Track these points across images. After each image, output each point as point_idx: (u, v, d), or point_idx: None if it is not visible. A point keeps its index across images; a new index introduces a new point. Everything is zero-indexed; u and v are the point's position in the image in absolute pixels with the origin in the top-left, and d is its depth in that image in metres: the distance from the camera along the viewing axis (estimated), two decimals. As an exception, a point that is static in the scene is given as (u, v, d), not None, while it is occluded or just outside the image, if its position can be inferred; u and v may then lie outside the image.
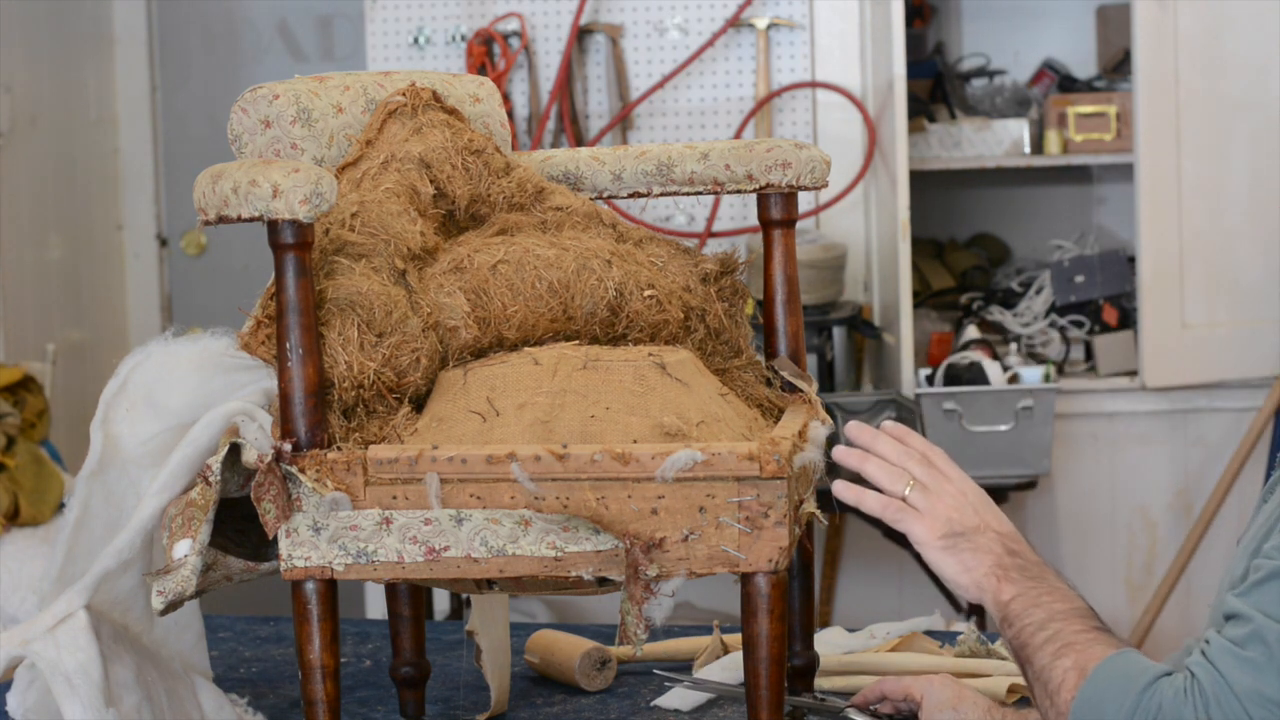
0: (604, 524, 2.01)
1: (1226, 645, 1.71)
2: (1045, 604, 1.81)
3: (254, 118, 2.14)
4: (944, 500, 1.88)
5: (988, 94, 5.38)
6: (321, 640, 2.07)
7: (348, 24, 5.50)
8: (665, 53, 4.85)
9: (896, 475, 1.90)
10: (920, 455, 1.92)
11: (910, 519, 1.88)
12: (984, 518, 1.87)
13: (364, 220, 2.15)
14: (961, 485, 1.89)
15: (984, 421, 4.41)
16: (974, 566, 1.85)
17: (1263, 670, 1.67)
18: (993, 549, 1.85)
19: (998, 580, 1.84)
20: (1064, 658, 1.77)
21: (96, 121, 5.39)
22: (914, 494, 1.89)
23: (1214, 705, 1.68)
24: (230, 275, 5.51)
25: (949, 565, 1.86)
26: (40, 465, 4.15)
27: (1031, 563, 1.85)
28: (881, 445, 1.93)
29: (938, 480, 1.89)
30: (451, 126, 2.31)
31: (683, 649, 2.73)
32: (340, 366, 2.06)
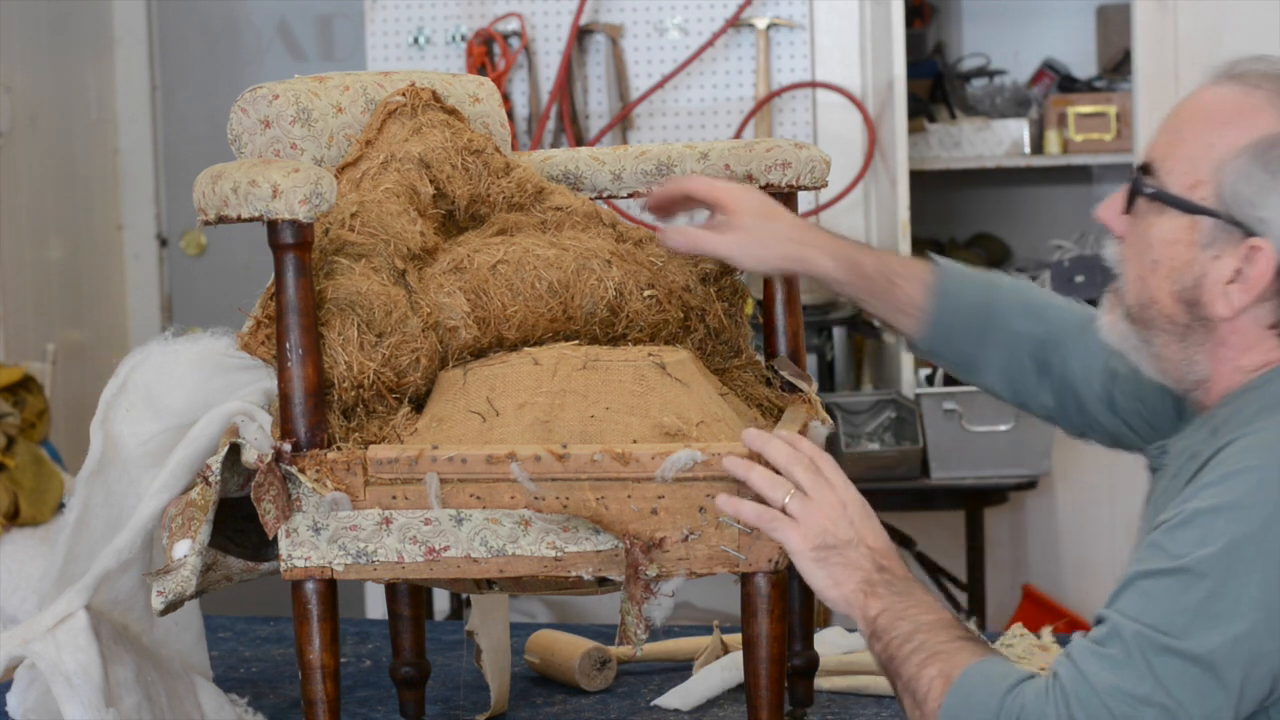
0: (604, 524, 2.01)
1: (1086, 645, 1.74)
2: (911, 616, 1.84)
3: (254, 118, 2.14)
4: (822, 510, 1.90)
5: (988, 94, 5.38)
6: (321, 640, 2.07)
7: (348, 24, 5.49)
8: (665, 53, 4.85)
9: (777, 484, 1.92)
10: (808, 461, 1.93)
11: (785, 529, 1.90)
12: (859, 531, 1.89)
13: (364, 220, 2.14)
14: (844, 495, 1.91)
15: (984, 421, 4.41)
16: (843, 581, 1.88)
17: (1121, 666, 1.70)
18: (862, 565, 1.88)
19: (865, 596, 1.86)
20: (930, 666, 1.80)
21: (96, 121, 5.39)
22: (793, 503, 1.91)
23: (1075, 702, 1.70)
24: (230, 275, 5.51)
25: (819, 578, 1.89)
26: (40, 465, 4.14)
27: (900, 578, 1.88)
28: (771, 449, 1.95)
29: (820, 488, 1.91)
30: (451, 126, 2.30)
31: (683, 649, 2.73)
32: (340, 366, 2.06)
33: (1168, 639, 1.69)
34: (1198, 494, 1.74)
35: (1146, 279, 1.86)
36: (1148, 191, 1.85)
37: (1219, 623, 1.69)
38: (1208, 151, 1.82)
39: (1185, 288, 1.83)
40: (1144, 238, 1.86)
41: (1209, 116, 1.83)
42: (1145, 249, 1.85)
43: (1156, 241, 1.84)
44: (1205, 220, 1.81)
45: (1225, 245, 1.81)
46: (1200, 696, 1.68)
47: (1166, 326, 1.86)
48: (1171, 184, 1.83)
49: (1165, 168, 1.84)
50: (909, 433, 4.47)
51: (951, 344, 2.21)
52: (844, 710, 2.50)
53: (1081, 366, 2.17)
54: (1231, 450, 1.76)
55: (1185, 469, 1.84)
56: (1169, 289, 1.84)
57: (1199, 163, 1.82)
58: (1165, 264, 1.84)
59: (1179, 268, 1.83)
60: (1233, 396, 1.85)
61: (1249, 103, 1.82)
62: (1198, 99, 1.86)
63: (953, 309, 2.20)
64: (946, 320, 2.20)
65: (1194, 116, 1.85)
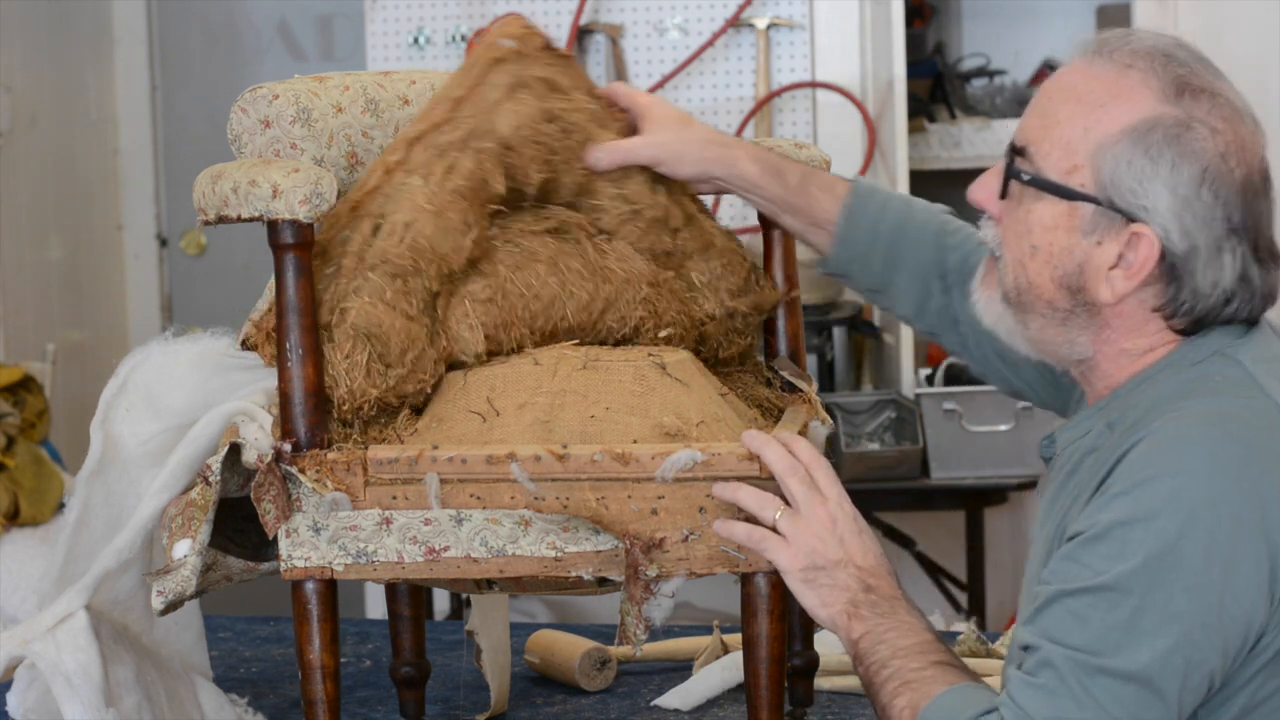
0: (604, 524, 2.01)
1: (1022, 678, 1.72)
2: (890, 640, 1.84)
3: (254, 118, 2.14)
4: (811, 528, 1.90)
5: (988, 94, 5.38)
6: (321, 640, 2.07)
7: (348, 24, 5.49)
8: (665, 53, 4.85)
9: (766, 503, 1.93)
10: (804, 471, 1.93)
11: (775, 548, 1.91)
12: (848, 550, 1.89)
13: (417, 233, 2.09)
14: (835, 509, 1.91)
15: (984, 421, 4.41)
16: (830, 602, 1.88)
17: (1056, 694, 1.69)
18: (849, 585, 1.87)
19: (849, 618, 1.86)
20: (900, 696, 1.80)
21: (96, 121, 5.39)
22: (783, 521, 1.91)
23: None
24: (230, 275, 5.51)
25: (808, 598, 1.89)
26: (40, 465, 4.14)
27: (885, 598, 1.87)
28: (769, 453, 1.95)
29: (811, 502, 1.91)
30: (552, 89, 2.21)
31: (683, 649, 2.73)
32: (341, 389, 2.06)
33: (1099, 659, 1.68)
34: (1109, 505, 1.72)
35: (1026, 264, 1.82)
36: (1025, 177, 1.81)
37: (1149, 637, 1.68)
38: (1084, 135, 1.78)
39: (1067, 273, 1.80)
40: (1022, 222, 1.82)
41: (1082, 97, 1.79)
42: (1024, 234, 1.82)
43: (1035, 227, 1.81)
44: (1085, 206, 1.78)
45: (1107, 231, 1.78)
46: (1140, 712, 1.67)
47: (1046, 311, 1.83)
48: (1048, 169, 1.80)
49: (1041, 151, 1.80)
50: (909, 433, 4.47)
51: (861, 264, 2.20)
52: (844, 710, 2.50)
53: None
54: (1135, 456, 1.73)
55: (1085, 464, 1.82)
56: (1050, 274, 1.81)
57: (1075, 147, 1.78)
58: (1045, 250, 1.81)
59: (1059, 254, 1.80)
60: (1125, 389, 1.83)
61: (1123, 83, 1.78)
62: (1069, 77, 1.82)
63: (864, 227, 2.19)
64: (856, 237, 2.19)
65: (1067, 97, 1.80)
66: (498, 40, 2.22)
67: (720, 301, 2.24)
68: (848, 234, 2.20)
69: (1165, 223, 1.76)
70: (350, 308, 2.06)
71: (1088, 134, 1.78)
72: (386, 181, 2.13)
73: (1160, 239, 1.77)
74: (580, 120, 2.21)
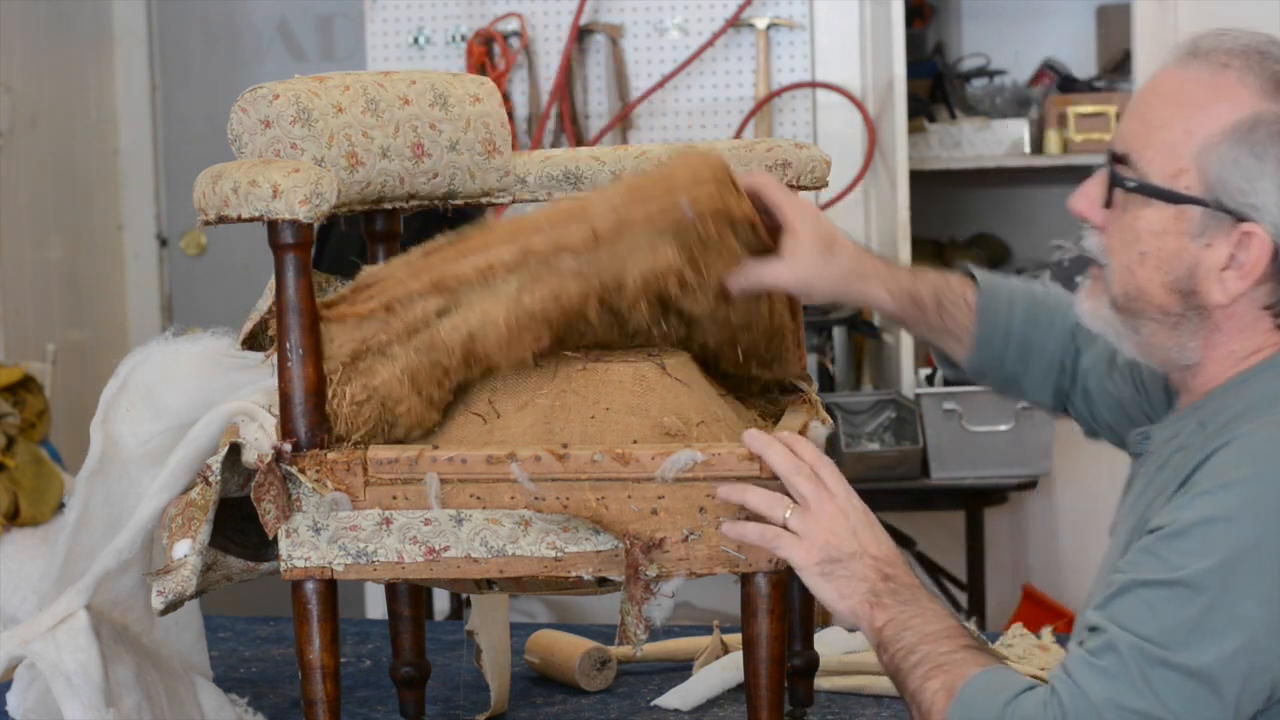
0: (604, 524, 2.01)
1: (1083, 656, 1.73)
2: (916, 627, 1.84)
3: (254, 118, 2.14)
4: (824, 523, 1.89)
5: (988, 94, 5.38)
6: (321, 640, 2.07)
7: (348, 24, 5.49)
8: (665, 53, 4.85)
9: (775, 502, 1.92)
10: (809, 470, 1.93)
11: (788, 545, 1.90)
12: (862, 541, 1.89)
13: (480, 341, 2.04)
14: (845, 504, 1.91)
15: (984, 421, 4.41)
16: (849, 594, 1.87)
17: (1117, 679, 1.69)
18: (867, 576, 1.87)
19: (870, 607, 1.86)
20: (933, 679, 1.80)
21: (96, 121, 5.39)
22: (793, 518, 1.91)
23: (1071, 716, 1.70)
24: (230, 275, 5.51)
25: (825, 591, 1.89)
26: (40, 465, 4.14)
27: (905, 586, 1.87)
28: (772, 454, 1.94)
29: (820, 499, 1.91)
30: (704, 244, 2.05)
31: (683, 649, 2.73)
32: (340, 427, 2.06)
33: (1164, 652, 1.69)
34: (1192, 503, 1.73)
35: (1135, 271, 1.83)
36: (1129, 184, 1.82)
37: (1215, 637, 1.68)
38: (1187, 138, 1.78)
39: (1178, 278, 1.81)
40: (1129, 230, 1.83)
41: (1181, 100, 1.79)
42: (1132, 241, 1.83)
43: (1144, 233, 1.81)
44: (1193, 209, 1.78)
45: (1216, 233, 1.78)
46: (1196, 710, 1.68)
47: (1157, 316, 1.84)
48: (1152, 174, 1.80)
49: (1144, 157, 1.81)
50: (909, 433, 4.47)
51: (997, 362, 2.20)
52: (844, 710, 2.50)
53: (1092, 362, 2.17)
54: (1223, 456, 1.74)
55: (1173, 461, 1.83)
56: (1160, 280, 1.82)
57: (1179, 150, 1.78)
58: (1154, 255, 1.81)
59: (1169, 258, 1.81)
60: (1221, 390, 1.84)
61: (1222, 82, 1.79)
62: (1165, 81, 1.82)
63: (997, 329, 2.18)
64: (991, 341, 2.19)
65: (1165, 101, 1.80)
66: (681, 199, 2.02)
67: (746, 370, 2.23)
68: (983, 337, 2.19)
69: (1275, 219, 1.77)
70: (380, 371, 2.06)
71: (1190, 136, 1.78)
72: (480, 279, 2.04)
73: (1272, 236, 1.77)
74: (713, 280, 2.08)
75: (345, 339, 2.06)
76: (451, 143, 2.32)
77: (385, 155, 2.23)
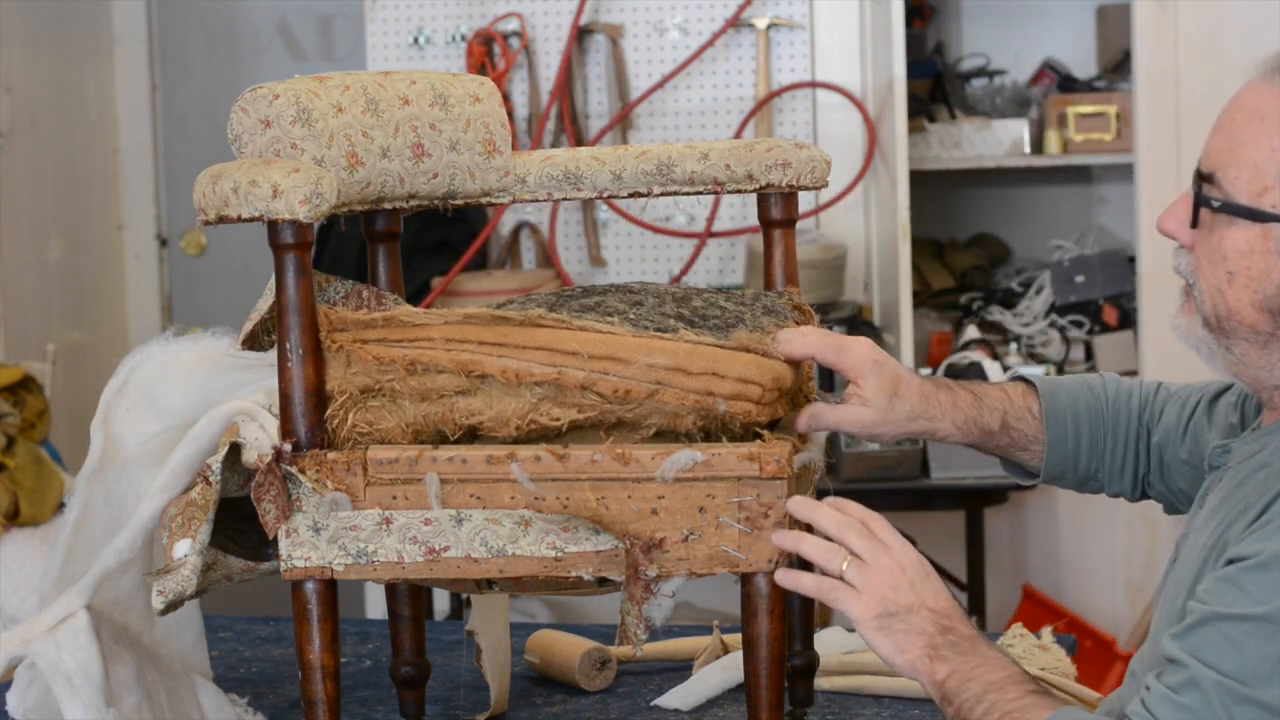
0: (604, 524, 2.01)
1: (1164, 692, 1.71)
2: (979, 677, 1.82)
3: (254, 118, 2.14)
4: (880, 576, 1.88)
5: (988, 94, 5.38)
6: (321, 640, 2.07)
7: (348, 24, 5.50)
8: (665, 53, 4.85)
9: (832, 553, 1.90)
10: (859, 525, 1.91)
11: (847, 598, 1.89)
12: (920, 594, 1.88)
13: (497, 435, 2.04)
14: (900, 557, 1.89)
15: (984, 421, 4.41)
16: (908, 648, 1.86)
17: (1199, 716, 1.68)
18: (925, 629, 1.86)
19: (930, 660, 1.85)
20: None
21: (96, 121, 5.39)
22: (850, 571, 1.89)
23: None
24: (230, 275, 5.51)
25: (884, 646, 1.87)
26: (40, 465, 4.15)
27: (964, 637, 1.86)
28: (821, 517, 1.93)
29: (876, 552, 1.89)
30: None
31: (683, 649, 2.73)
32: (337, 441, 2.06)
33: (1248, 689, 1.67)
34: (1276, 533, 1.71)
35: (1224, 290, 1.81)
36: (1215, 204, 1.80)
37: None
38: (1271, 156, 1.77)
39: (1267, 296, 1.79)
40: (1216, 249, 1.81)
41: (1265, 117, 1.78)
42: (1219, 260, 1.81)
43: (1231, 253, 1.80)
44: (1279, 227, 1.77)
45: None
46: None
47: (1249, 336, 1.82)
48: (1238, 193, 1.78)
49: (1229, 176, 1.79)
50: (909, 433, 4.46)
51: (1072, 466, 2.19)
52: (844, 710, 2.50)
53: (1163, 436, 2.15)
54: None
55: (1254, 479, 1.81)
56: (1249, 299, 1.80)
57: (1264, 168, 1.77)
58: (1242, 275, 1.80)
59: (1257, 277, 1.79)
60: None
61: None
62: (1249, 100, 1.81)
63: (1066, 432, 2.17)
64: (1061, 443, 2.18)
65: (1250, 118, 1.79)
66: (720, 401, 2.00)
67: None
68: (1054, 445, 2.18)
69: None
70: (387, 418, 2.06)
71: (1275, 154, 1.77)
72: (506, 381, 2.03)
73: None
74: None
75: (361, 371, 2.06)
76: (451, 143, 2.32)
77: (385, 155, 2.23)
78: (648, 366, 2.00)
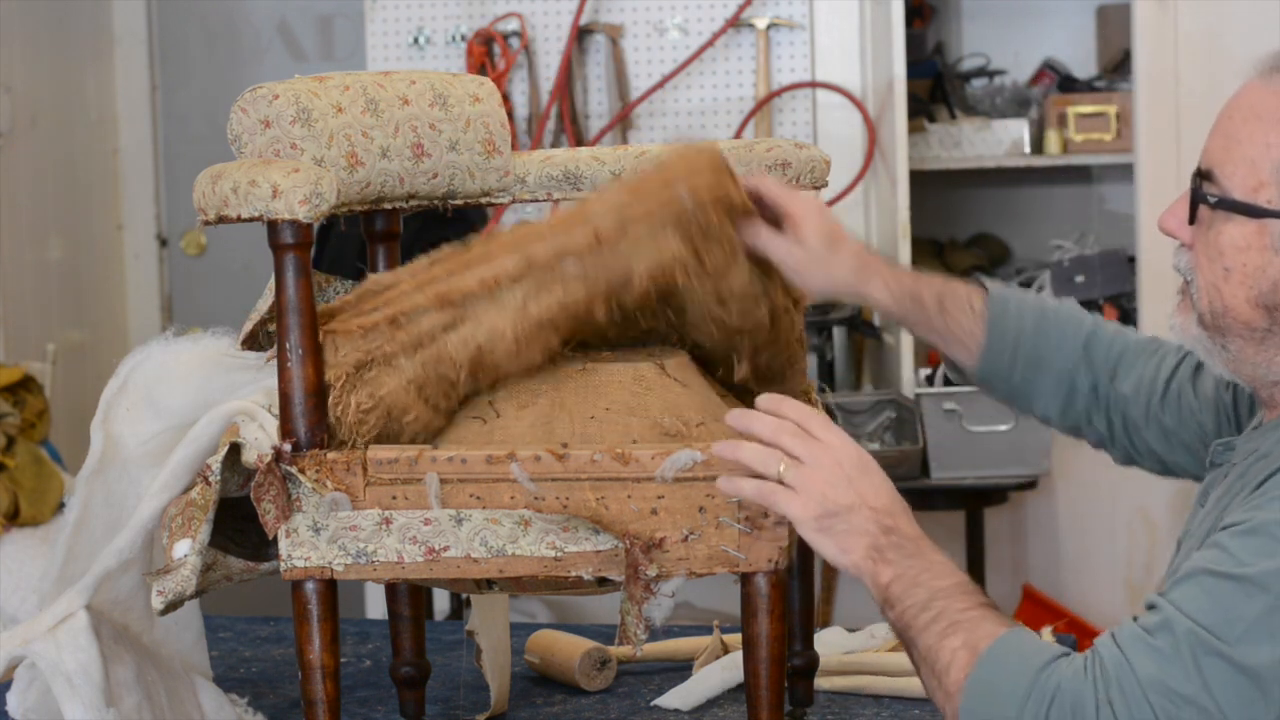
0: (604, 524, 2.01)
1: (1136, 631, 1.71)
2: (925, 582, 1.79)
3: (254, 118, 2.14)
4: (819, 475, 1.84)
5: (988, 94, 5.38)
6: (321, 640, 2.07)
7: (348, 24, 5.50)
8: (665, 53, 4.85)
9: (769, 457, 1.87)
10: (794, 426, 1.88)
11: (785, 500, 1.85)
12: (860, 491, 1.84)
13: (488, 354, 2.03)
14: (839, 453, 1.86)
15: (984, 421, 4.41)
16: (850, 549, 1.83)
17: (1168, 660, 1.68)
18: (867, 529, 1.83)
19: (874, 563, 1.82)
20: (951, 637, 1.75)
21: (96, 121, 5.39)
22: (788, 473, 1.86)
23: (1114, 687, 1.68)
24: (230, 275, 5.51)
25: (826, 547, 1.84)
26: (40, 465, 4.15)
27: (909, 538, 1.83)
28: (755, 423, 1.89)
29: (814, 452, 1.86)
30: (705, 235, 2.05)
31: (683, 649, 2.73)
32: (342, 432, 2.06)
33: (1220, 644, 1.67)
34: (1268, 503, 1.72)
35: (1220, 287, 1.82)
36: (1211, 200, 1.81)
37: (1273, 639, 1.67)
38: (1266, 152, 1.78)
39: (1262, 293, 1.80)
40: (1213, 246, 1.82)
41: (1261, 115, 1.79)
42: (1216, 257, 1.82)
43: (1227, 249, 1.81)
44: (1274, 223, 1.78)
45: None
46: (1242, 706, 1.67)
47: (1244, 332, 1.83)
48: (1234, 189, 1.80)
49: (1225, 173, 1.80)
50: (909, 433, 4.47)
51: (1005, 373, 2.20)
52: (844, 710, 2.50)
53: (1134, 390, 2.15)
54: None
55: (1253, 469, 1.82)
56: (1245, 295, 1.81)
57: (1259, 164, 1.78)
58: (1238, 271, 1.81)
59: (1253, 273, 1.80)
60: None
61: None
62: (1248, 97, 1.82)
63: (1007, 337, 2.18)
64: (1000, 349, 2.18)
65: (1247, 116, 1.80)
66: (683, 192, 2.02)
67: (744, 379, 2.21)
68: (992, 346, 2.19)
69: None
70: (387, 382, 2.05)
71: (1270, 150, 1.78)
72: (485, 291, 2.04)
73: None
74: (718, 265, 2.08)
75: (350, 349, 2.06)
76: (451, 143, 2.32)
77: (385, 155, 2.23)
78: (608, 208, 2.03)
